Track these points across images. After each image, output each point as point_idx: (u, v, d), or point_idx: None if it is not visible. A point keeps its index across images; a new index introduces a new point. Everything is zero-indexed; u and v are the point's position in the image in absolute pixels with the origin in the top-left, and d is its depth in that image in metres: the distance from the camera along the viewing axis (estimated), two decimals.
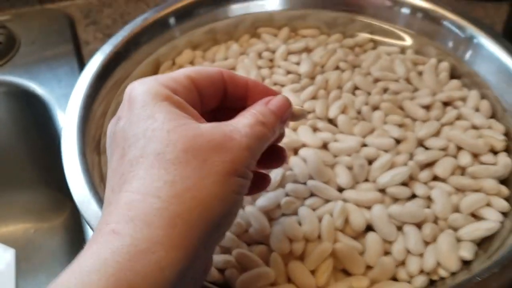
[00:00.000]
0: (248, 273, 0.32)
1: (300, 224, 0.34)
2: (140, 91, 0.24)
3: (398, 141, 0.39)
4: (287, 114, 0.27)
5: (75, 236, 0.62)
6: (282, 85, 0.43)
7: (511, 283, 0.29)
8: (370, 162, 0.38)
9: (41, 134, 0.59)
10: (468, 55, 0.45)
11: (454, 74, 0.45)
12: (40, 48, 0.60)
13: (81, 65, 0.57)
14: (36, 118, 0.58)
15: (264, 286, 0.31)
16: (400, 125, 0.40)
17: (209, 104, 0.27)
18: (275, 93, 0.28)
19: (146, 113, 0.23)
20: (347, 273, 0.34)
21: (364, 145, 0.39)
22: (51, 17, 0.65)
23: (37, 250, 0.62)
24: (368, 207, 0.35)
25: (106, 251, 0.19)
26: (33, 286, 0.58)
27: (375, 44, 0.49)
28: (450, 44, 0.45)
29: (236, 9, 0.48)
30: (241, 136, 0.24)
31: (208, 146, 0.22)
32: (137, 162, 0.22)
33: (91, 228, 0.32)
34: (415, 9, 0.47)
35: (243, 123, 0.25)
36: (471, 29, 0.44)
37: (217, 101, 0.28)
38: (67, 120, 0.36)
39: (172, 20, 0.46)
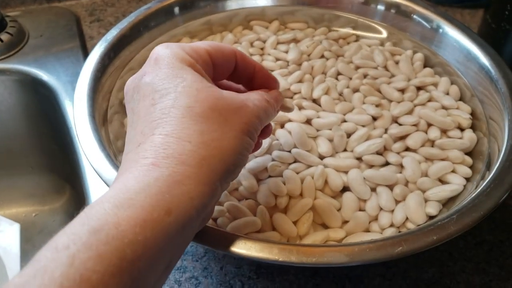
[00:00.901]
0: (237, 221, 0.35)
1: (284, 183, 0.38)
2: (168, 54, 0.28)
3: (375, 119, 0.44)
4: (280, 103, 0.33)
5: (75, 217, 0.65)
6: (272, 70, 0.48)
7: (466, 228, 0.33)
8: (349, 135, 0.42)
9: (46, 121, 0.63)
10: (439, 46, 0.49)
11: (428, 64, 0.50)
12: (47, 41, 0.64)
13: (86, 56, 0.62)
14: (43, 105, 0.62)
15: (251, 232, 0.35)
16: (377, 105, 0.45)
17: (218, 77, 0.32)
18: (275, 79, 0.34)
19: (174, 72, 0.27)
20: (325, 227, 0.38)
21: (344, 121, 0.43)
22: (58, 13, 0.70)
23: (39, 232, 0.65)
24: (346, 172, 0.40)
25: (150, 178, 0.23)
26: None
27: (357, 37, 0.54)
28: (421, 36, 0.50)
29: (232, 4, 0.53)
30: (254, 105, 0.29)
31: (229, 108, 0.27)
32: (169, 111, 0.26)
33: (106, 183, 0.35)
34: (389, 5, 0.52)
35: (254, 97, 0.30)
36: (439, 21, 0.49)
37: (226, 75, 0.33)
38: (79, 87, 0.40)
39: (176, 10, 0.51)
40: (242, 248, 0.31)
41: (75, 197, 0.66)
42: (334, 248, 0.31)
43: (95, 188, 0.51)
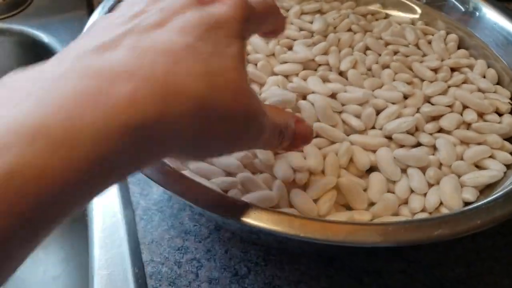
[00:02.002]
0: (251, 194, 0.31)
1: (305, 158, 0.34)
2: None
3: (405, 98, 0.40)
4: None
5: None
6: (294, 39, 0.44)
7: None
8: (378, 113, 0.38)
9: None
10: (475, 28, 0.46)
11: (462, 46, 0.46)
12: (53, 3, 0.60)
13: None
14: None
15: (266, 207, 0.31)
16: (409, 83, 0.41)
17: None
18: None
19: None
20: (349, 209, 0.34)
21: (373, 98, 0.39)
22: None
23: None
24: (373, 151, 0.36)
25: None
26: None
27: (386, 15, 0.50)
28: (457, 16, 0.47)
29: None
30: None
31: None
32: None
33: None
34: None
35: None
36: (477, 1, 0.45)
37: None
38: None
39: None
40: (256, 219, 0.27)
41: None
42: (365, 226, 0.27)
43: None
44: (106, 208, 0.41)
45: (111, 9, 0.41)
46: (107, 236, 0.39)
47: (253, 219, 0.27)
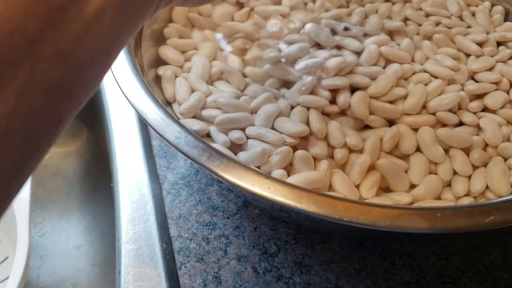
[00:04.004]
0: (296, 175, 0.30)
1: None
2: None
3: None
4: None
5: (90, 163, 0.60)
6: (327, 10, 0.41)
7: None
8: None
9: None
10: None
11: (508, 19, 0.44)
12: None
13: None
14: None
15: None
16: (454, 58, 0.38)
17: None
18: None
19: None
20: (388, 191, 0.32)
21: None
22: None
23: (51, 175, 0.60)
24: (416, 130, 0.34)
25: None
26: (44, 210, 0.57)
27: None
28: None
29: None
30: None
31: None
32: None
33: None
34: None
35: None
36: None
37: None
38: None
39: None
40: (295, 200, 0.25)
41: (92, 142, 0.61)
42: (412, 211, 0.25)
43: (118, 134, 0.46)
44: (132, 181, 0.40)
45: None
46: (134, 210, 0.38)
47: (292, 200, 0.25)
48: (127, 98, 0.30)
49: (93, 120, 0.56)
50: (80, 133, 0.62)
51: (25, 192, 0.52)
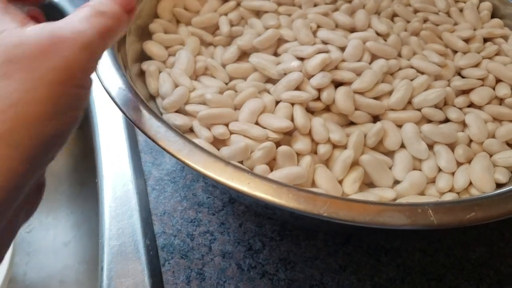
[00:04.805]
0: (279, 171, 0.30)
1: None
2: None
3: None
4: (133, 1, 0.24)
5: (78, 160, 0.60)
6: (315, 4, 0.41)
7: None
8: None
9: None
10: None
11: (496, 15, 0.44)
12: None
13: None
14: None
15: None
16: (441, 54, 0.38)
17: None
18: None
19: None
20: (372, 187, 0.32)
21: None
22: None
23: None
24: (401, 126, 0.33)
25: None
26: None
27: None
28: None
29: None
30: (75, 34, 0.20)
31: (34, 53, 0.19)
32: None
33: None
34: None
35: (78, 18, 0.21)
36: None
37: None
38: None
39: None
40: (276, 196, 0.25)
41: (81, 138, 0.61)
42: (393, 207, 0.25)
43: (104, 129, 0.45)
44: (117, 177, 0.40)
45: None
46: (118, 206, 0.38)
47: (271, 196, 0.25)
48: (108, 93, 0.29)
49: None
50: None
51: None
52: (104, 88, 0.30)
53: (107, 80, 0.30)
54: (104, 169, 0.41)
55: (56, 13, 0.53)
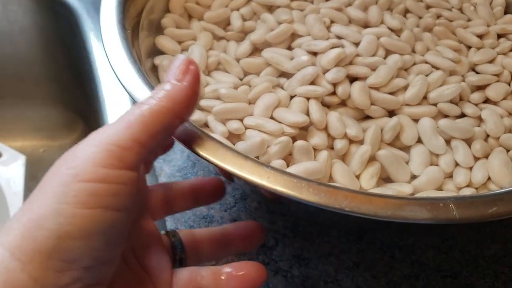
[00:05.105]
0: (296, 165, 0.29)
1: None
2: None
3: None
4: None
5: None
6: (327, 0, 0.41)
7: None
8: None
9: (63, 49, 0.57)
10: None
11: (509, 11, 0.43)
12: None
13: None
14: (61, 29, 0.56)
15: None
16: (455, 50, 0.38)
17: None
18: None
19: None
20: (389, 182, 0.32)
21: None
22: None
23: (45, 169, 0.59)
24: (417, 121, 0.33)
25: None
26: None
27: None
28: None
29: None
30: None
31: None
32: None
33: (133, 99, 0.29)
34: None
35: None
36: None
37: None
38: None
39: None
40: (295, 190, 0.25)
41: (87, 134, 0.60)
42: (415, 201, 0.25)
43: None
44: None
45: None
46: None
47: (292, 190, 0.25)
48: (124, 88, 0.29)
49: (88, 113, 0.56)
50: (75, 126, 0.61)
51: (18, 183, 0.52)
52: (121, 82, 0.29)
53: (123, 75, 0.30)
54: None
55: (63, 9, 0.53)
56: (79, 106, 0.58)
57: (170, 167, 0.41)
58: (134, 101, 0.29)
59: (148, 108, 0.22)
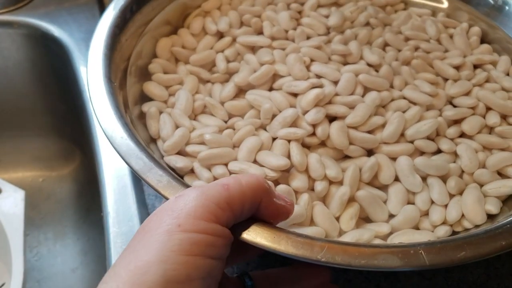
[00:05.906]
0: None
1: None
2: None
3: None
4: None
5: (83, 186, 0.61)
6: (308, 37, 0.42)
7: None
8: None
9: (57, 81, 0.59)
10: (500, 21, 0.44)
11: (485, 40, 0.45)
12: None
13: (103, 12, 0.57)
14: (54, 63, 0.57)
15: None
16: (432, 83, 0.39)
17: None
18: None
19: None
20: (368, 221, 0.33)
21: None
22: None
23: (45, 199, 0.61)
24: (395, 158, 0.35)
25: None
26: (39, 233, 0.58)
27: (407, 5, 0.48)
28: (483, 9, 0.45)
29: None
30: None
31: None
32: None
33: (120, 154, 0.30)
34: None
35: None
36: None
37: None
38: (95, 44, 0.35)
39: None
40: (275, 242, 0.26)
41: (85, 164, 0.62)
42: (386, 249, 0.26)
43: (107, 157, 0.46)
44: (121, 212, 0.41)
45: (122, 9, 0.39)
46: (124, 242, 0.39)
47: (271, 242, 0.26)
48: (111, 143, 0.30)
49: (85, 144, 0.57)
50: (73, 157, 0.63)
51: (19, 209, 0.53)
52: (106, 136, 0.31)
53: (108, 127, 0.31)
54: (108, 204, 0.42)
55: (55, 45, 0.55)
56: (76, 136, 0.60)
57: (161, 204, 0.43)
58: (114, 148, 0.30)
59: (247, 181, 0.25)
